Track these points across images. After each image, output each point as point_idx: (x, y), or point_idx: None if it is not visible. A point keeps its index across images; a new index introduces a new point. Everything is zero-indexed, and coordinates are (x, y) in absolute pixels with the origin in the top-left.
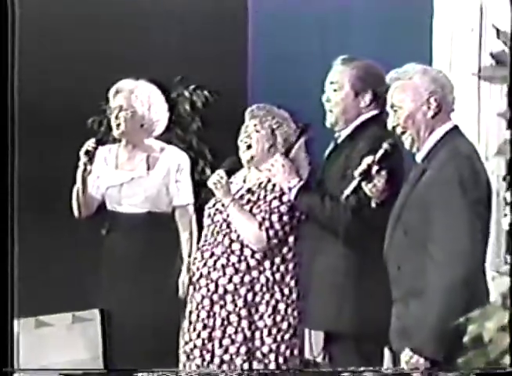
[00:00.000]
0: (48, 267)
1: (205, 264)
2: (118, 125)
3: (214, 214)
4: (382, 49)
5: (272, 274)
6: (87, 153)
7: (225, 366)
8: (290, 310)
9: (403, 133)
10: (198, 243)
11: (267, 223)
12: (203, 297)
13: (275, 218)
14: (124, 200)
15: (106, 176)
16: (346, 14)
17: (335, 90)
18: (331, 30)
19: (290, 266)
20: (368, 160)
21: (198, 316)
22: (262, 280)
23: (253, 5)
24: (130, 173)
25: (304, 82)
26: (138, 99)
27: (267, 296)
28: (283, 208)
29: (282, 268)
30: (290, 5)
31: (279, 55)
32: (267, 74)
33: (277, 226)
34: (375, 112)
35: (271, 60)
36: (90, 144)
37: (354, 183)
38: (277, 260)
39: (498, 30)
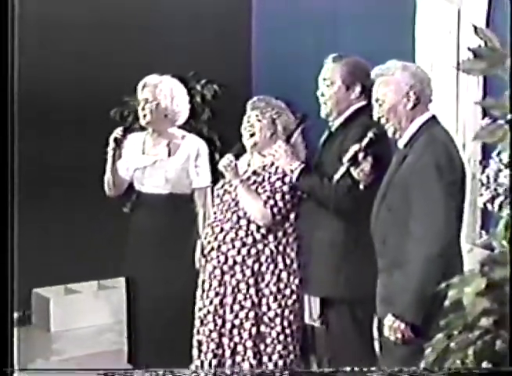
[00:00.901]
0: (76, 240)
1: (216, 238)
2: (145, 116)
3: (223, 194)
4: (372, 47)
5: (276, 246)
6: (115, 140)
7: (235, 331)
8: (292, 278)
9: (387, 123)
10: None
11: (271, 202)
12: (214, 267)
13: (278, 197)
14: (147, 181)
15: (134, 160)
16: (339, 15)
17: (328, 85)
18: (327, 30)
19: (291, 239)
20: (355, 147)
21: (210, 284)
22: (267, 251)
23: (256, 10)
24: (153, 157)
25: (301, 77)
26: (162, 92)
27: (271, 266)
28: (285, 188)
29: (284, 241)
30: (290, 8)
31: (280, 52)
32: (269, 70)
33: (280, 204)
34: (364, 103)
35: (272, 57)
36: (118, 132)
37: (343, 168)
38: (280, 234)
39: (476, 28)
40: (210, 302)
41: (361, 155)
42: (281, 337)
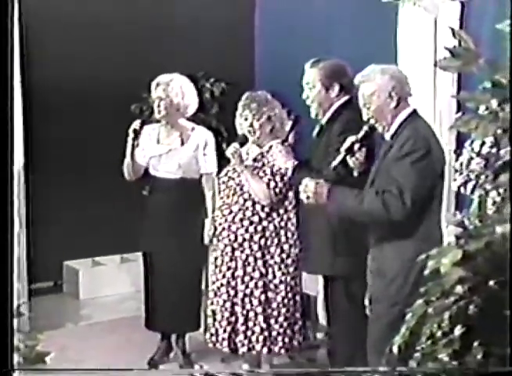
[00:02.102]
0: (102, 220)
1: (226, 220)
2: (159, 111)
3: (228, 180)
4: (361, 48)
5: (279, 222)
6: (134, 131)
7: (246, 299)
8: (293, 249)
9: (376, 122)
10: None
11: (272, 183)
12: (225, 245)
13: (278, 178)
14: (162, 167)
15: (149, 148)
16: (333, 21)
17: (310, 88)
18: (322, 33)
19: (291, 215)
20: (352, 138)
21: (222, 260)
22: (271, 227)
23: (259, 17)
24: (168, 146)
25: (299, 76)
26: (174, 90)
27: (275, 240)
28: (283, 170)
29: (285, 217)
30: (289, 15)
31: (279, 54)
32: (270, 69)
33: (280, 185)
34: (346, 98)
35: (273, 58)
36: (136, 124)
37: (340, 157)
38: (281, 211)
39: (453, 30)
40: (223, 276)
41: (356, 146)
42: (285, 301)
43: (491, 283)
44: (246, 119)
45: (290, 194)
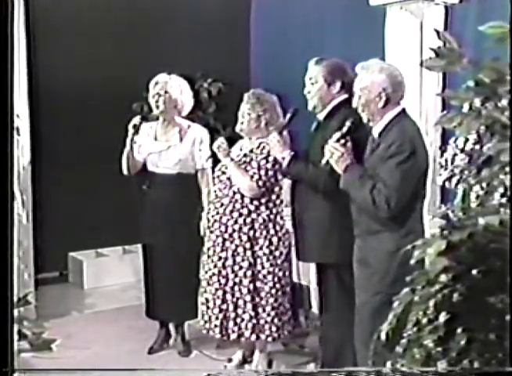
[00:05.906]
0: (105, 213)
1: (217, 212)
2: (158, 107)
3: (221, 174)
4: (350, 49)
5: (268, 215)
6: (134, 126)
7: (236, 288)
8: (281, 242)
9: (362, 112)
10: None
11: (256, 176)
12: (217, 236)
13: (262, 172)
14: (162, 163)
15: (147, 145)
16: (324, 22)
17: (312, 84)
18: (314, 35)
19: (280, 209)
20: (337, 135)
21: (214, 251)
22: (260, 220)
23: (255, 21)
24: (167, 143)
25: (292, 76)
26: (173, 87)
27: (264, 232)
28: (269, 166)
29: (274, 211)
30: (283, 17)
31: (273, 55)
32: (264, 70)
33: (264, 178)
34: (345, 96)
35: (267, 59)
36: (136, 119)
37: (328, 152)
38: (270, 205)
39: (438, 32)
40: (215, 266)
41: (342, 141)
42: (273, 291)
43: (474, 272)
44: (243, 111)
45: (277, 189)
